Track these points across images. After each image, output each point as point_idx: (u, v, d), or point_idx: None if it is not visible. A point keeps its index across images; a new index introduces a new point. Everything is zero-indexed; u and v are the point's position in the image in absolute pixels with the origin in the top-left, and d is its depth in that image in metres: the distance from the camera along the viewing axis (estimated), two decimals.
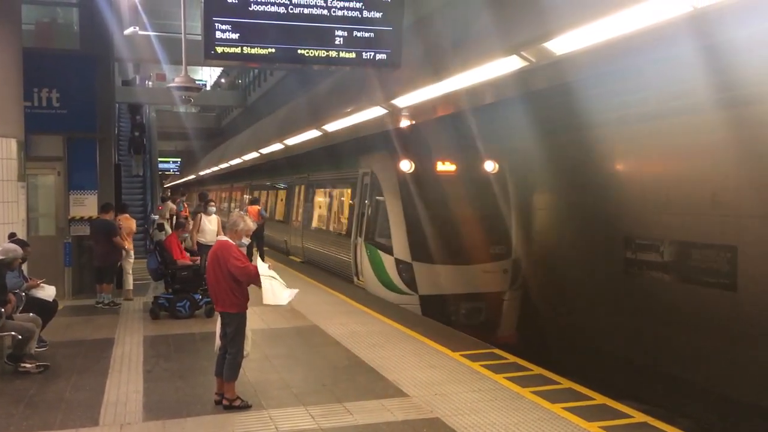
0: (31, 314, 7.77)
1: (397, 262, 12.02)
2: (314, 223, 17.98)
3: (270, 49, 7.68)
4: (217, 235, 11.87)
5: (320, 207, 17.81)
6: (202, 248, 12.04)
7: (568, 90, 9.48)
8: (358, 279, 13.46)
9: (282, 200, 22.58)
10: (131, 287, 12.22)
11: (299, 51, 7.77)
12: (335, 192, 16.42)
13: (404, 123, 12.29)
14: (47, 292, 8.47)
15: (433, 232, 12.04)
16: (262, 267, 6.26)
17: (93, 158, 12.73)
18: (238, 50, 7.59)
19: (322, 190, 17.70)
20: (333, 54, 7.85)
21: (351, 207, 14.48)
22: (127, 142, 22.75)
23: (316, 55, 7.80)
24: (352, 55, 7.87)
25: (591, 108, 10.38)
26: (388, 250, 12.22)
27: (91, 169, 12.66)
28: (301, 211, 19.48)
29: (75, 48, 13.07)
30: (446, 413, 6.08)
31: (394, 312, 10.75)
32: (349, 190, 14.92)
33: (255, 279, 6.16)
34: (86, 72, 12.63)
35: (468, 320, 11.65)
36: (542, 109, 11.36)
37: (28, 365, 7.40)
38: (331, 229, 16.30)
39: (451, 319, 11.34)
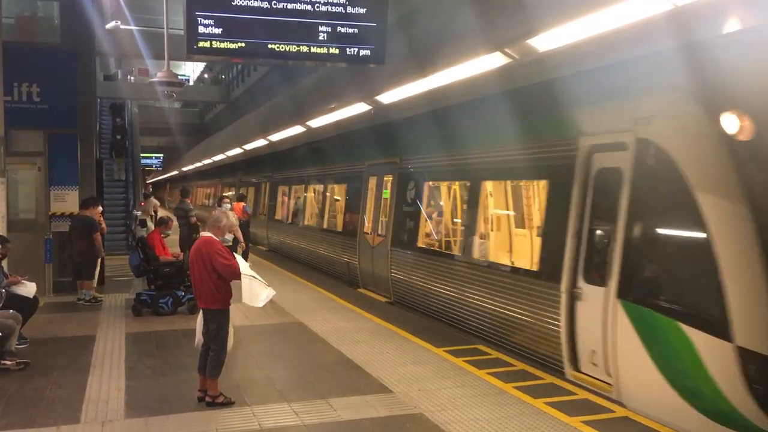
0: (11, 311, 7.68)
1: (744, 355, 5.20)
2: (422, 241, 10.88)
3: (253, 45, 7.64)
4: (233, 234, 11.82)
5: (438, 215, 11.06)
6: None
7: None
8: (577, 370, 7.00)
9: (339, 200, 15.43)
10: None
11: (282, 47, 7.73)
12: (486, 186, 9.34)
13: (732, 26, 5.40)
14: (28, 288, 8.40)
15: None
16: (243, 266, 6.25)
17: (74, 154, 12.59)
18: (221, 45, 7.54)
19: (445, 184, 10.93)
20: (317, 50, 7.81)
21: (548, 218, 7.72)
22: (108, 145, 21.78)
23: (300, 50, 7.77)
24: (336, 51, 7.84)
25: None
26: (714, 328, 5.39)
27: (72, 164, 12.52)
28: (385, 219, 12.13)
29: (56, 42, 12.92)
30: (430, 409, 6.10)
31: (378, 308, 10.75)
32: (539, 185, 8.42)
33: (239, 276, 6.16)
34: (67, 66, 12.49)
35: None
36: None
37: (8, 362, 7.31)
38: (476, 256, 9.21)
39: None
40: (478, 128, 9.41)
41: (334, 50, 7.84)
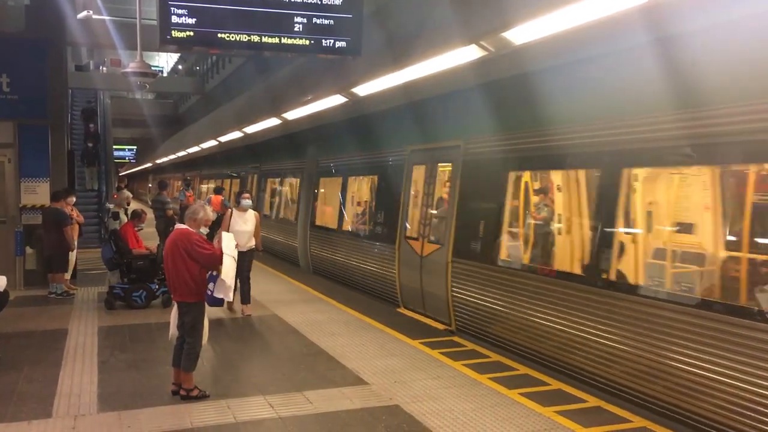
0: None
1: None
2: None
3: (228, 35, 7.56)
4: (255, 237, 10.03)
5: None
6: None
7: None
8: None
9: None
10: None
11: (258, 37, 7.67)
12: None
13: None
14: None
15: None
16: (228, 242, 6.30)
17: (45, 145, 12.39)
18: (195, 36, 7.45)
19: None
20: (292, 41, 7.76)
21: None
22: (80, 151, 20.26)
23: (275, 41, 7.71)
24: (312, 42, 7.80)
25: None
26: None
27: (43, 156, 12.32)
28: None
29: (25, 31, 12.67)
30: (405, 400, 6.13)
31: (354, 301, 10.76)
32: None
33: (221, 262, 6.18)
34: (37, 56, 12.27)
35: None
36: None
37: None
38: None
39: None
40: None
41: (309, 41, 7.78)
